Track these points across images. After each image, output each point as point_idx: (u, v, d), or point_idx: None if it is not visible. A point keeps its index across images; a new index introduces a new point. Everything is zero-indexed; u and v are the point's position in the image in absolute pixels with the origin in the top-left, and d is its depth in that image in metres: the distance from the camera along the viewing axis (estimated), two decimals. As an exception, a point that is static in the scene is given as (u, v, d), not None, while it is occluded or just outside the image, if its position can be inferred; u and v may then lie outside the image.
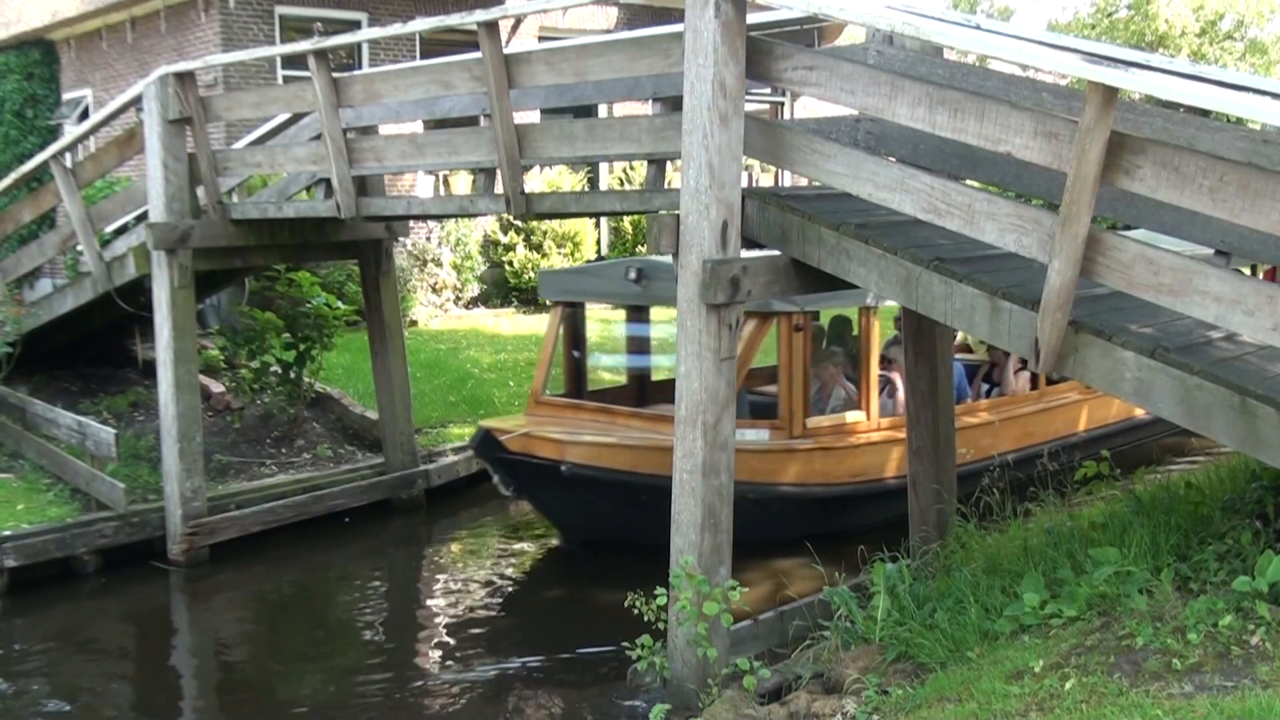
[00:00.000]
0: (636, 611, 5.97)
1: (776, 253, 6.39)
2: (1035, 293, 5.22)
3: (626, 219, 19.35)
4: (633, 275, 9.63)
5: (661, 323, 11.07)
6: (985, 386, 11.57)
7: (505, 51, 7.37)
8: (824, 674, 5.76)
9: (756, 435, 9.39)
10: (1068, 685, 4.48)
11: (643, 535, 8.34)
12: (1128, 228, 7.88)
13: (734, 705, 5.52)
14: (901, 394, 9.90)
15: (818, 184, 6.52)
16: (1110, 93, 4.72)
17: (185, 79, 9.76)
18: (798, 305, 9.22)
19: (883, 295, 6.26)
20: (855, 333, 11.32)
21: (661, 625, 6.02)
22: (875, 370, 9.94)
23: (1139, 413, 11.99)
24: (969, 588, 5.81)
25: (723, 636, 6.12)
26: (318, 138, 9.30)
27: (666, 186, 7.52)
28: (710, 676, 5.88)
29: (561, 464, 8.98)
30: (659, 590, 6.03)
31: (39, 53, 19.84)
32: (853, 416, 9.97)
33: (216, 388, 12.35)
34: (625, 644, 6.00)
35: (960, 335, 11.30)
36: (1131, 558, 5.42)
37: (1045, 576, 5.60)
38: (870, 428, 9.97)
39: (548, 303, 11.49)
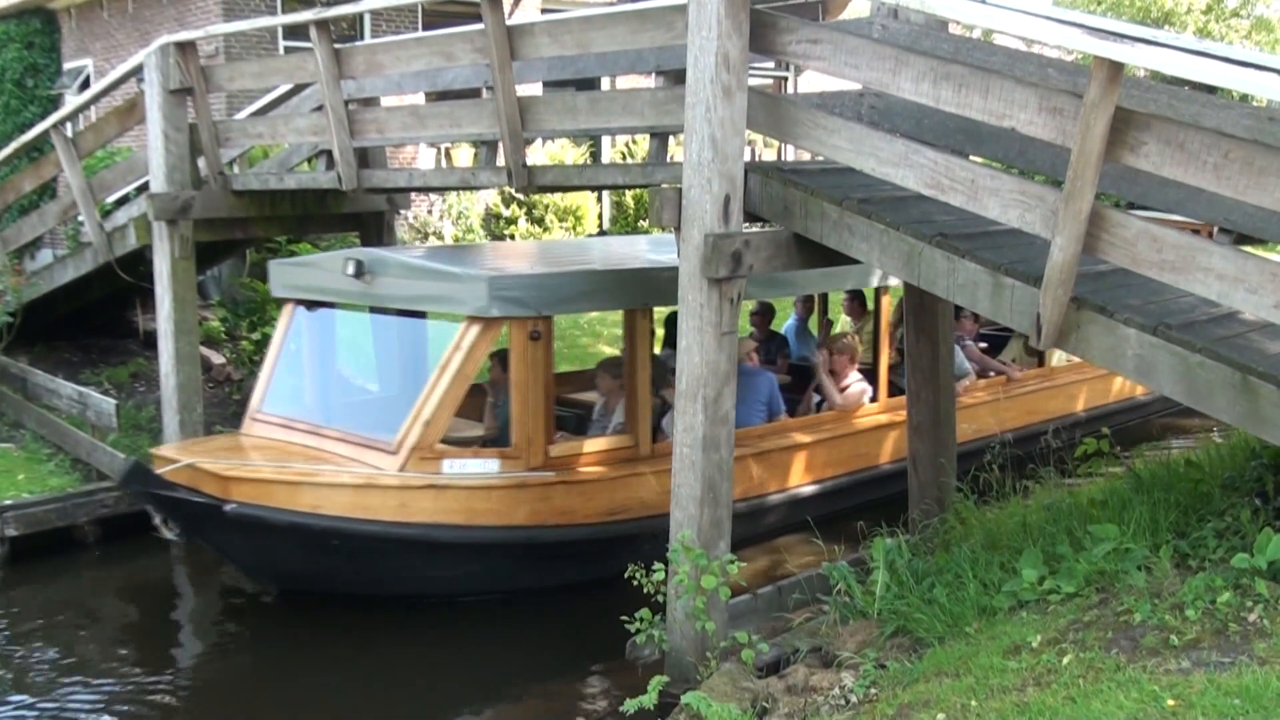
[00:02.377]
0: (636, 583, 5.98)
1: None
2: (1038, 269, 5.21)
3: (628, 193, 19.30)
4: (351, 270, 8.22)
5: (385, 328, 9.20)
6: (816, 399, 10.12)
7: (508, 23, 7.34)
8: (822, 648, 5.78)
9: (481, 467, 7.82)
10: (1065, 660, 4.50)
11: (345, 585, 7.83)
12: (1131, 205, 7.87)
13: (732, 678, 5.54)
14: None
15: (821, 159, 6.49)
16: (1115, 68, 4.70)
17: (186, 49, 9.71)
18: (533, 309, 7.80)
19: (885, 270, 6.23)
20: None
21: (660, 599, 6.04)
22: (645, 385, 8.35)
23: (1077, 408, 11.68)
24: (968, 563, 5.83)
25: (721, 610, 6.14)
26: (319, 109, 9.27)
27: (669, 160, 7.51)
28: (708, 650, 5.90)
29: (225, 504, 7.38)
30: (657, 564, 6.04)
31: (39, 22, 19.74)
32: (618, 442, 8.38)
33: (217, 359, 12.35)
34: (624, 618, 6.02)
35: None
36: (1130, 535, 5.43)
37: (1044, 553, 5.61)
38: (643, 454, 8.38)
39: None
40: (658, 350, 9.94)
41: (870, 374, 10.08)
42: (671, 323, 10.51)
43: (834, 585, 6.20)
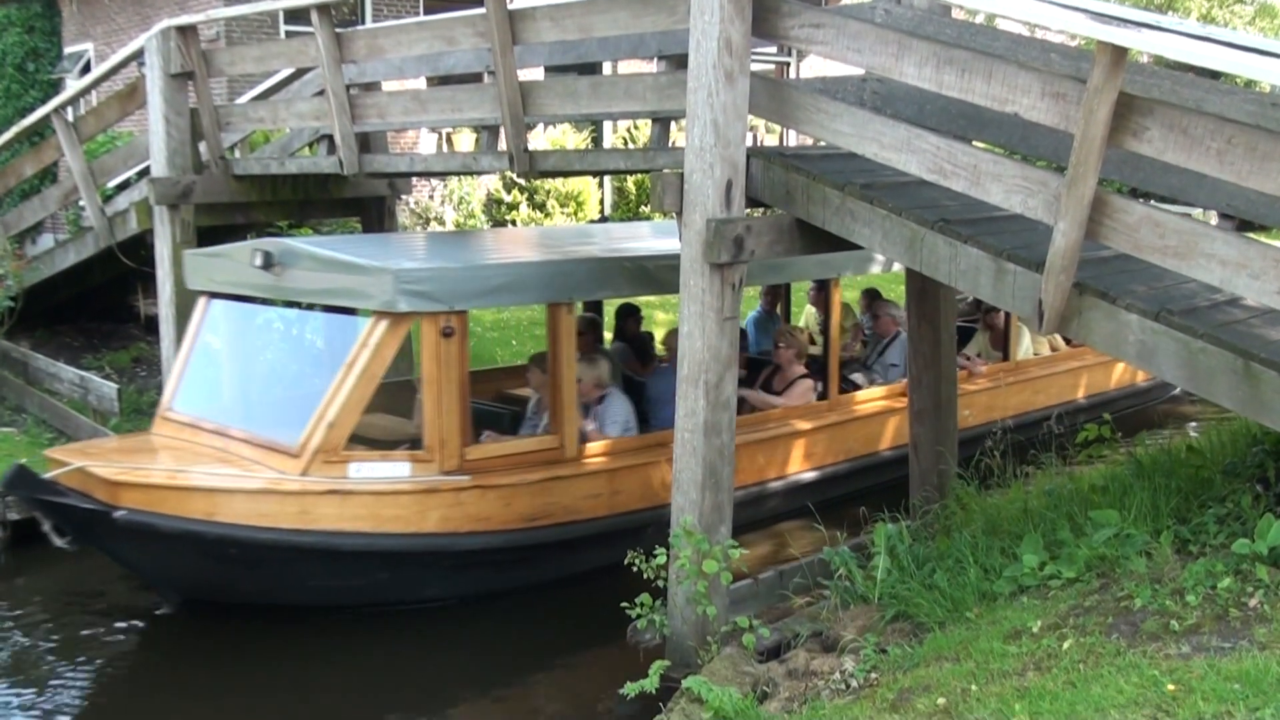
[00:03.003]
0: (635, 569, 5.99)
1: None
2: (1040, 254, 5.20)
3: (630, 178, 19.28)
4: (259, 262, 7.74)
5: (295, 323, 8.69)
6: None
7: (509, 7, 7.33)
8: (823, 633, 5.79)
9: (391, 471, 7.39)
10: (1065, 645, 4.51)
11: (247, 595, 7.41)
12: (1134, 191, 7.86)
13: (733, 662, 5.56)
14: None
15: (823, 144, 6.48)
16: (1119, 53, 4.69)
17: (187, 33, 9.70)
18: (444, 304, 7.35)
19: (887, 256, 6.23)
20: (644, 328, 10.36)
21: (661, 584, 6.05)
22: (570, 384, 7.93)
23: (1044, 403, 11.05)
24: (968, 549, 5.83)
25: (722, 595, 6.15)
26: (320, 93, 9.26)
27: (671, 145, 7.50)
28: (709, 634, 5.91)
29: (114, 510, 6.90)
30: (658, 549, 6.05)
31: (40, 6, 19.70)
32: (541, 444, 7.95)
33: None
34: (625, 603, 6.03)
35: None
36: (1131, 520, 5.43)
37: (1045, 538, 5.62)
38: (567, 455, 7.91)
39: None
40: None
41: (822, 370, 9.63)
42: (624, 314, 10.51)
43: (835, 570, 6.21)
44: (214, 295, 8.53)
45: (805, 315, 12.31)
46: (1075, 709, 4.00)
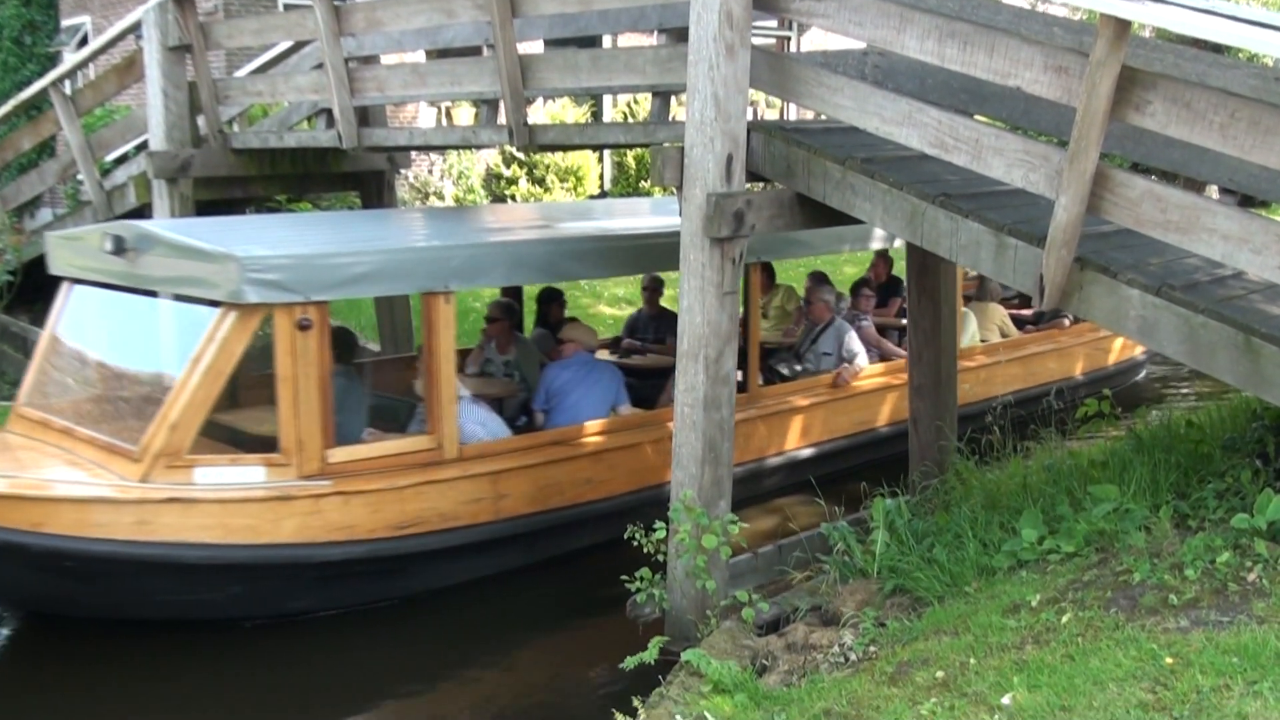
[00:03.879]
0: (636, 543, 6.00)
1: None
2: (1041, 229, 5.19)
3: (630, 153, 19.22)
4: (110, 246, 7.19)
5: (147, 313, 7.68)
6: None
7: (509, -21, 7.29)
8: (822, 607, 5.80)
9: (242, 476, 6.79)
10: (1064, 619, 4.51)
11: (90, 609, 6.85)
12: (1135, 166, 7.85)
13: (732, 636, 5.57)
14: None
15: (824, 118, 6.46)
16: (1122, 26, 4.66)
17: (185, 5, 9.65)
18: (299, 294, 6.77)
19: (888, 230, 6.21)
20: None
21: (660, 558, 6.06)
22: (449, 380, 7.35)
23: (992, 393, 10.25)
24: (967, 523, 5.83)
25: (721, 569, 6.16)
26: (319, 67, 9.23)
27: (671, 119, 7.47)
28: (709, 608, 5.92)
29: None
30: (658, 523, 6.06)
31: (37, -22, 19.59)
32: (417, 444, 7.33)
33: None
34: (625, 577, 6.04)
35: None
36: (1130, 495, 5.44)
37: (1044, 513, 5.62)
38: (445, 457, 7.32)
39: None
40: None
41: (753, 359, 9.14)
42: (545, 299, 10.16)
43: (834, 545, 6.22)
44: (76, 281, 7.87)
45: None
46: (1073, 682, 4.01)
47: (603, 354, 10.09)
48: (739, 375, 8.23)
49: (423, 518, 7.18)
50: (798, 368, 9.98)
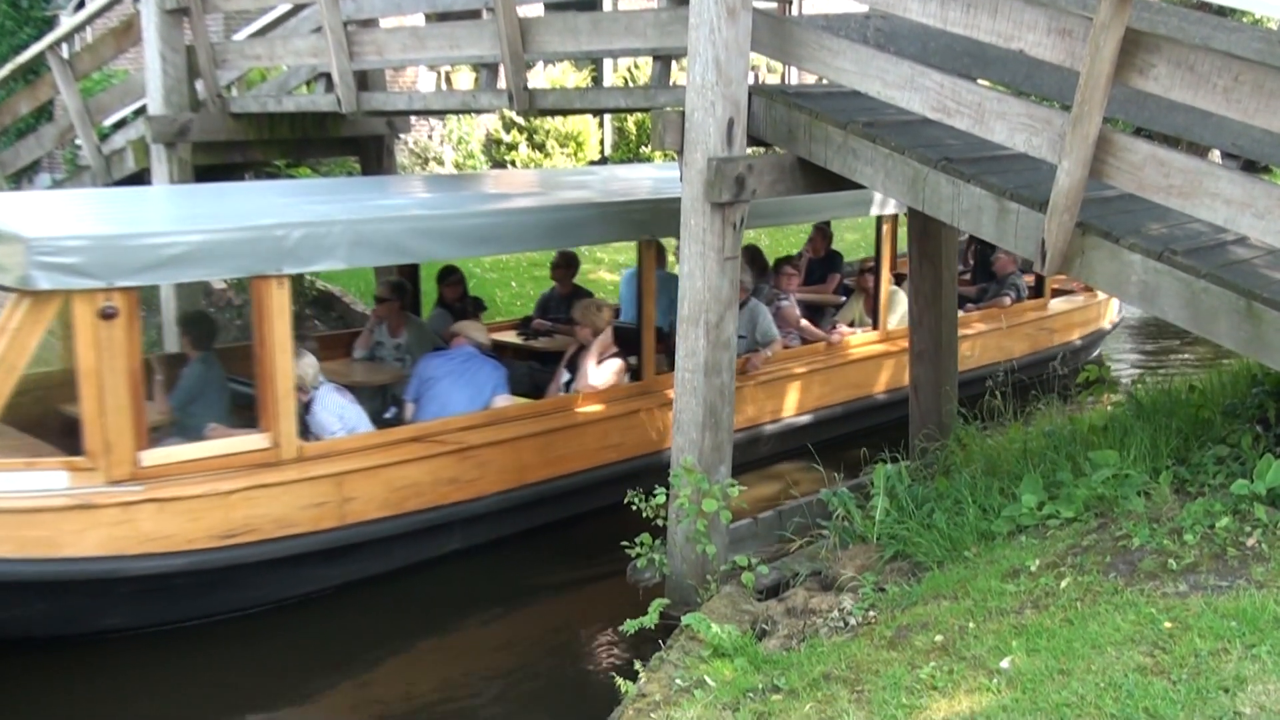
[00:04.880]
0: (635, 508, 6.01)
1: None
2: (1043, 194, 5.17)
3: (630, 119, 19.13)
4: None
5: None
6: (567, 376, 8.46)
7: (509, -59, 7.23)
8: (821, 572, 5.82)
9: (40, 482, 6.08)
10: (1063, 584, 4.53)
11: None
12: (1138, 130, 7.81)
13: (732, 601, 5.59)
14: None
15: (826, 82, 6.42)
16: (1127, -12, 4.63)
17: (182, -32, 9.58)
18: (101, 280, 6.08)
19: (890, 195, 6.18)
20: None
21: (661, 523, 6.07)
22: (285, 373, 6.63)
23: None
24: (967, 489, 5.85)
25: (721, 534, 6.18)
26: (318, 30, 9.16)
27: (672, 84, 7.43)
28: (709, 573, 5.94)
29: None
30: (658, 488, 6.07)
31: (33, -59, 19.44)
32: (248, 443, 6.64)
33: (218, 284, 12.31)
34: (625, 542, 6.06)
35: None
36: (1130, 461, 5.44)
37: (1044, 479, 5.63)
38: (283, 457, 6.66)
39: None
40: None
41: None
42: (442, 277, 9.55)
43: (834, 510, 6.23)
44: None
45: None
46: (1072, 646, 4.03)
47: (509, 335, 9.74)
48: (622, 367, 8.35)
49: (253, 525, 6.51)
50: None
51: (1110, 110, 5.09)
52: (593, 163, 18.55)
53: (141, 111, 10.60)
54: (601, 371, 8.19)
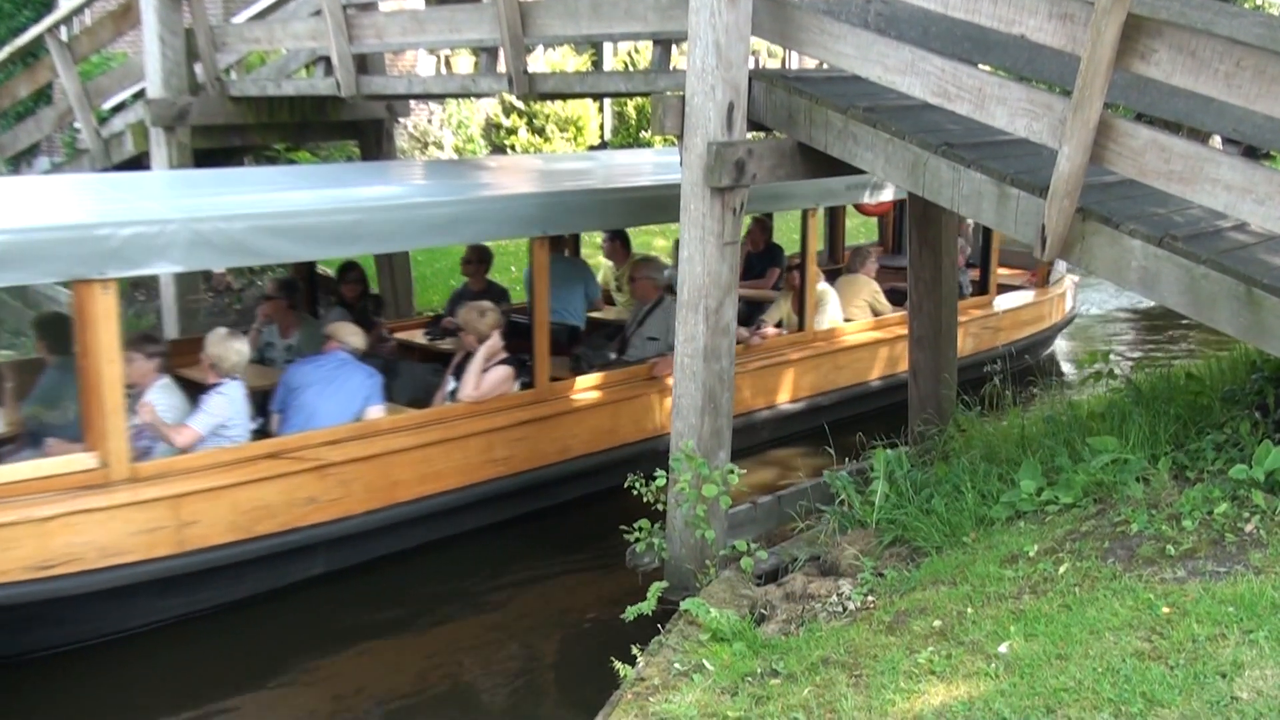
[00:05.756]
0: (636, 492, 6.02)
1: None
2: (1044, 179, 5.16)
3: (630, 104, 19.12)
4: None
5: None
6: (452, 384, 7.69)
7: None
8: (820, 556, 5.83)
9: None
10: (1061, 569, 4.54)
11: None
12: (1139, 116, 7.79)
13: (731, 585, 5.60)
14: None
15: (826, 66, 6.41)
16: (1128, -27, 4.61)
17: (181, -50, 9.56)
18: None
19: (890, 180, 6.16)
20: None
21: (660, 508, 6.08)
22: (112, 384, 5.97)
23: (840, 382, 9.51)
24: (966, 475, 5.85)
25: (721, 519, 6.18)
26: (317, 13, 9.14)
27: (672, 68, 7.42)
28: (708, 558, 5.95)
29: None
30: (658, 472, 6.07)
31: (31, -77, 19.36)
32: (72, 463, 5.98)
33: (218, 269, 12.32)
34: (624, 527, 6.07)
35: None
36: (1129, 446, 5.44)
37: (1043, 464, 5.63)
38: (112, 478, 6.01)
39: None
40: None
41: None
42: (342, 274, 9.09)
43: (835, 493, 6.24)
44: None
45: (603, 271, 11.08)
46: (1070, 631, 4.04)
47: (415, 334, 9.29)
48: (510, 375, 7.63)
49: (75, 554, 5.87)
50: (611, 355, 8.76)
51: (1111, 96, 5.08)
52: (593, 147, 18.53)
53: (141, 95, 10.58)
54: (486, 380, 7.52)
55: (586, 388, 8.01)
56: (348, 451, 6.84)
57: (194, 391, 6.90)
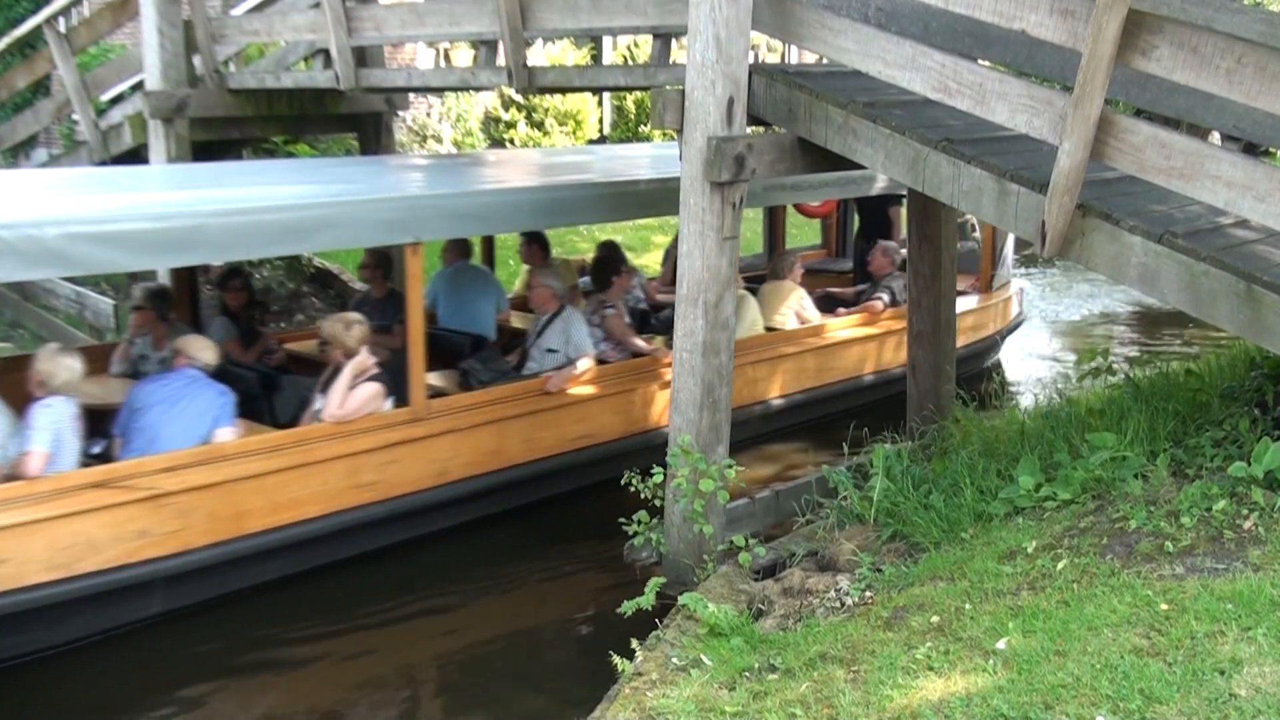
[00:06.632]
0: (633, 488, 6.01)
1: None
2: (1044, 175, 5.16)
3: (629, 98, 19.10)
4: None
5: None
6: (320, 403, 7.01)
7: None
8: (818, 552, 5.83)
9: None
10: (1060, 566, 4.53)
11: None
12: (1139, 112, 7.78)
13: (729, 580, 5.60)
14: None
15: (826, 61, 6.40)
16: (1130, -32, 4.60)
17: (180, -58, 9.54)
18: None
19: (890, 176, 6.16)
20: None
21: (659, 502, 6.08)
22: None
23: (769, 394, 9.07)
24: (965, 470, 5.85)
25: (719, 513, 6.18)
26: (316, 6, 9.12)
27: (671, 63, 7.41)
28: (706, 553, 5.95)
29: None
30: (655, 468, 6.07)
31: (30, -86, 19.32)
32: None
33: (215, 262, 12.30)
34: (622, 520, 6.07)
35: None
36: (1128, 443, 5.44)
37: (1041, 461, 5.63)
38: None
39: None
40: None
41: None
42: (224, 281, 8.66)
43: (833, 488, 6.23)
44: None
45: (520, 276, 10.51)
46: (1068, 627, 4.03)
47: (310, 344, 8.59)
48: (382, 393, 6.99)
49: None
50: (507, 368, 8.20)
51: (1111, 92, 5.07)
52: (592, 141, 18.51)
53: (139, 87, 10.57)
54: (353, 398, 6.90)
55: (470, 405, 7.38)
56: (187, 479, 6.21)
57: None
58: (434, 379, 7.71)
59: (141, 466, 6.14)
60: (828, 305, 10.24)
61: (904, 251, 10.50)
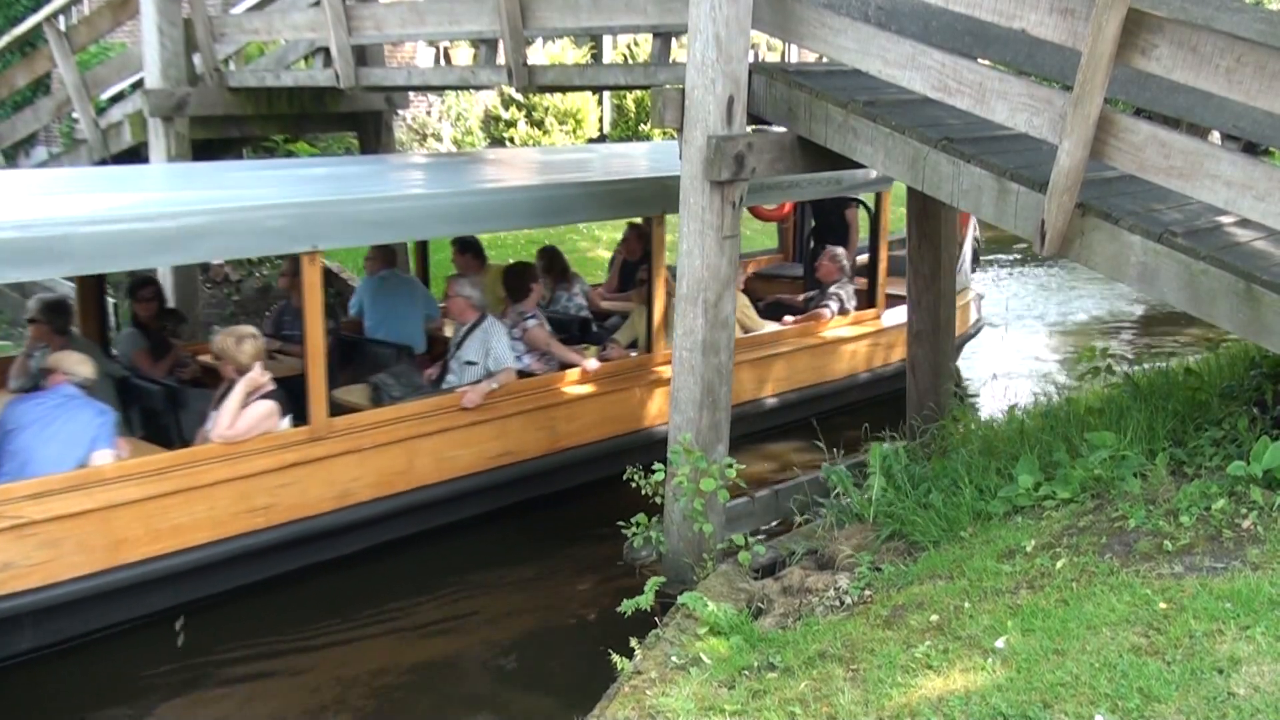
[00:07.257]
0: (634, 485, 6.02)
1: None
2: (1044, 174, 5.16)
3: (629, 97, 19.10)
4: None
5: None
6: (210, 422, 6.60)
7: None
8: (818, 550, 5.83)
9: None
10: (1059, 564, 4.53)
11: None
12: (1138, 111, 7.78)
13: (728, 579, 5.60)
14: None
15: (826, 60, 6.40)
16: (1130, -32, 4.61)
17: (180, -60, 9.54)
18: None
19: (889, 174, 6.16)
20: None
21: (658, 501, 6.08)
22: None
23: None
24: (964, 469, 5.85)
25: (719, 512, 6.18)
26: (316, 4, 9.13)
27: (671, 61, 7.41)
28: (705, 551, 5.95)
29: None
30: (656, 466, 6.07)
31: (30, -88, 19.32)
32: None
33: (216, 261, 12.30)
34: (621, 521, 6.07)
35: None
36: (1127, 442, 5.44)
37: (1040, 460, 5.63)
38: None
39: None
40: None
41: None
42: (135, 290, 8.22)
43: (831, 489, 6.24)
44: None
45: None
46: (1067, 626, 4.03)
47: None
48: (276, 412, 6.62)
49: None
50: (423, 382, 7.87)
51: (1111, 91, 5.07)
52: (592, 140, 18.52)
53: (139, 85, 10.57)
54: (245, 416, 6.51)
55: (376, 423, 6.97)
56: (55, 506, 5.79)
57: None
58: (346, 394, 7.43)
59: (5, 494, 5.71)
60: (775, 313, 9.95)
61: (861, 257, 10.48)
